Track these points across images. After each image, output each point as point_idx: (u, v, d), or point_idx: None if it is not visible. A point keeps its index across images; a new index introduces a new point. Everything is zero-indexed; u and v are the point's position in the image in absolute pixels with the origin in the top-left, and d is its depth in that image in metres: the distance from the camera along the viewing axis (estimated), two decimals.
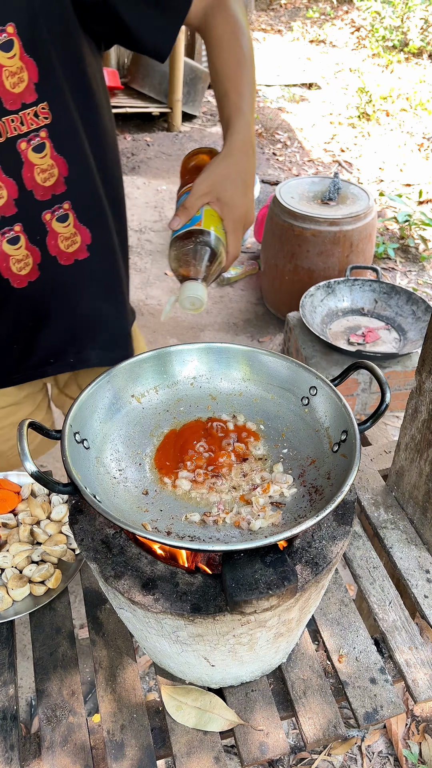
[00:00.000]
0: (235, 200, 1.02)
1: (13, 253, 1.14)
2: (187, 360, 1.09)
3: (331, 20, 8.45)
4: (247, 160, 1.04)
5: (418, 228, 4.21)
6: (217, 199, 1.03)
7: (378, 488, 1.34)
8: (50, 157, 1.09)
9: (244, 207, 1.03)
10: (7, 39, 0.96)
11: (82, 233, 1.20)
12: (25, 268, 1.17)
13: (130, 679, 1.03)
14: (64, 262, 1.21)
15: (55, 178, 1.11)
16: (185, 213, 1.02)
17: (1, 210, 1.09)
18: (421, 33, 7.33)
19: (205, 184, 1.02)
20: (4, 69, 0.98)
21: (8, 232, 1.11)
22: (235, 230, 1.03)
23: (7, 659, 1.05)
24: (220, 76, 1.10)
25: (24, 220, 1.12)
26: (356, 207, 3.11)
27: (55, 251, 1.19)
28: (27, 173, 1.08)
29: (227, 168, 1.02)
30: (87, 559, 0.89)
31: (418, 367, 1.17)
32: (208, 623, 0.82)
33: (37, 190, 1.11)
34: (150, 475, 0.95)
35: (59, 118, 1.07)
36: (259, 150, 5.41)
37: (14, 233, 1.12)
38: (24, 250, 1.15)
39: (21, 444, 0.80)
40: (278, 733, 0.97)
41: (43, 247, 1.17)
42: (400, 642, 1.09)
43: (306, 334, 2.76)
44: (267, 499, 0.91)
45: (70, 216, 1.17)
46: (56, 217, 1.15)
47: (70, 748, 0.95)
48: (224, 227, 1.03)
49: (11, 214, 1.10)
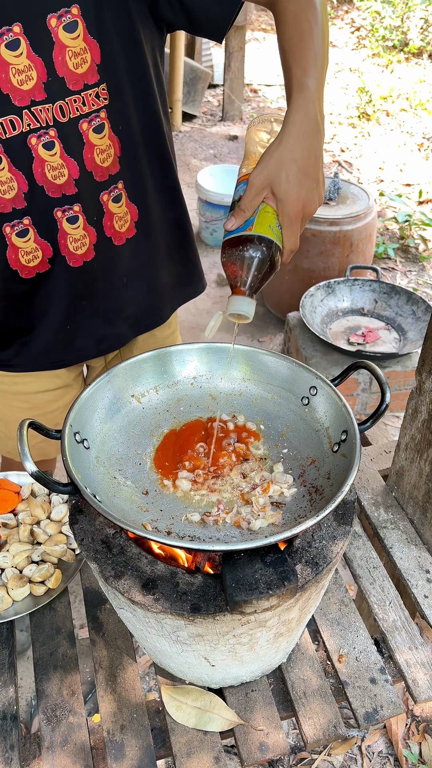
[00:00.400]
0: (289, 194, 0.91)
1: (72, 232, 1.15)
2: (187, 360, 1.09)
3: (331, 20, 8.44)
4: (307, 142, 0.92)
5: (418, 228, 4.21)
6: (272, 194, 0.93)
7: (378, 488, 1.34)
8: (108, 138, 1.11)
9: (300, 200, 0.92)
10: (72, 20, 0.99)
11: (131, 212, 1.23)
12: (81, 248, 1.18)
13: (130, 679, 1.03)
14: (118, 242, 1.23)
15: (112, 158, 1.14)
16: (240, 215, 0.94)
17: (63, 188, 1.10)
18: (421, 33, 7.32)
19: (259, 179, 0.92)
20: (68, 49, 1.00)
21: (68, 211, 1.13)
22: (291, 225, 0.93)
23: (7, 659, 1.05)
24: (284, 51, 1.00)
25: (83, 200, 1.14)
26: (356, 207, 3.11)
27: (111, 232, 1.21)
28: (88, 154, 1.10)
29: (281, 157, 0.91)
30: (87, 559, 0.89)
31: (418, 367, 1.17)
32: (208, 623, 0.82)
33: (97, 171, 1.13)
34: (150, 475, 0.95)
35: (116, 99, 1.09)
36: None
37: (73, 213, 1.14)
38: (81, 230, 1.16)
39: (21, 444, 0.80)
40: (278, 733, 0.97)
41: (99, 228, 1.19)
42: (400, 642, 1.09)
43: (306, 334, 2.76)
44: (267, 499, 0.91)
45: (123, 196, 1.19)
46: (112, 197, 1.18)
47: (70, 748, 0.95)
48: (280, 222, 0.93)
49: (71, 194, 1.12)
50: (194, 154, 5.24)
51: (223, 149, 5.37)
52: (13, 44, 0.96)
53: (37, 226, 1.13)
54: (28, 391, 1.36)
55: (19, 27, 0.95)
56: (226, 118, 5.80)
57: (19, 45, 0.96)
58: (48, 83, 1.01)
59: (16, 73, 0.98)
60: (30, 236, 1.13)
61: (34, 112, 1.02)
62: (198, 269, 1.46)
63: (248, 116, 5.93)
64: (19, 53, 0.97)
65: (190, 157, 5.16)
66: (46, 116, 1.03)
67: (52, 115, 1.03)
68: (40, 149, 1.05)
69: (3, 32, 0.95)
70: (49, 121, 1.04)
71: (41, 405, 1.39)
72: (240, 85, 5.67)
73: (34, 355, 1.30)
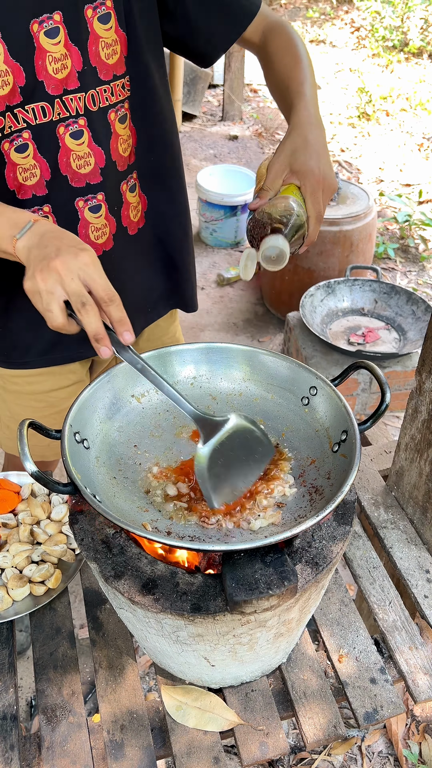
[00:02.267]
0: (307, 166, 1.01)
1: (94, 221, 1.16)
2: (187, 360, 1.09)
3: (331, 20, 8.44)
4: (314, 131, 1.04)
5: (418, 228, 4.21)
6: (291, 172, 1.03)
7: (378, 488, 1.34)
8: (128, 128, 1.14)
9: (318, 171, 1.02)
10: (106, 12, 1.01)
11: (142, 202, 1.25)
12: (101, 237, 1.19)
13: (130, 679, 1.03)
14: (132, 232, 1.25)
15: (130, 148, 1.16)
16: (265, 194, 1.03)
17: (88, 177, 1.12)
18: (421, 33, 7.32)
19: (279, 163, 1.03)
20: (101, 40, 1.03)
21: (91, 199, 1.14)
22: (313, 193, 1.02)
23: (7, 659, 1.05)
24: (280, 75, 1.14)
25: (106, 189, 1.15)
26: (356, 207, 3.11)
27: (127, 222, 1.23)
28: (114, 143, 1.12)
29: (294, 141, 1.03)
30: (87, 559, 0.89)
31: (418, 367, 1.17)
32: (208, 623, 0.82)
33: (120, 161, 1.15)
34: (150, 475, 0.95)
35: (137, 91, 1.12)
36: (259, 150, 5.41)
37: (97, 202, 1.15)
38: (103, 219, 1.17)
39: (21, 444, 0.80)
40: (278, 733, 0.97)
41: (118, 218, 1.20)
42: (400, 642, 1.09)
43: (306, 334, 2.76)
44: (270, 500, 0.91)
45: (137, 186, 1.21)
46: (129, 187, 1.20)
47: (70, 748, 0.95)
48: (302, 193, 1.02)
49: (96, 183, 1.13)
50: (194, 154, 5.24)
51: (223, 149, 5.37)
52: (53, 32, 0.97)
53: (56, 214, 1.13)
54: (42, 390, 1.36)
55: (59, 15, 0.97)
56: (226, 118, 5.80)
57: (59, 33, 0.98)
58: (82, 72, 1.02)
59: (53, 61, 0.99)
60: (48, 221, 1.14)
61: (65, 101, 1.03)
62: (192, 281, 1.46)
63: (248, 116, 5.93)
64: (57, 41, 0.98)
65: (190, 157, 5.16)
66: (77, 105, 1.04)
67: (83, 104, 1.05)
68: (67, 139, 1.06)
69: (44, 20, 0.96)
70: (80, 110, 1.05)
71: (56, 403, 1.39)
72: (240, 85, 5.67)
73: (50, 350, 1.29)
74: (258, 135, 5.64)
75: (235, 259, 4.03)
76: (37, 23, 0.96)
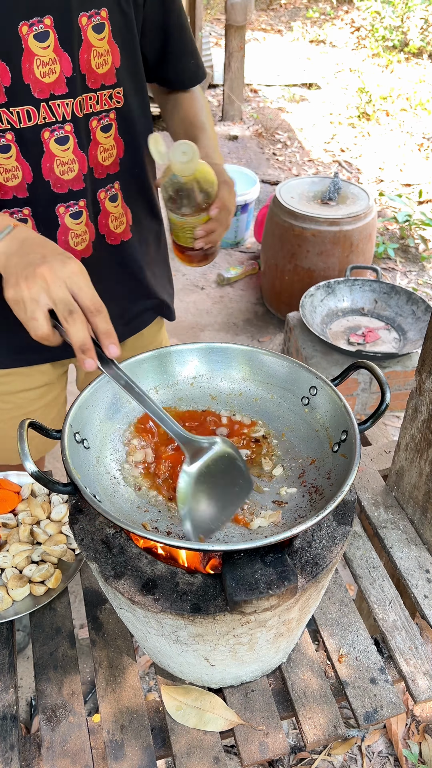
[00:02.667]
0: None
1: (74, 228, 1.16)
2: (187, 360, 1.09)
3: (331, 20, 8.44)
4: None
5: (418, 228, 4.21)
6: None
7: (378, 488, 1.34)
8: (113, 138, 1.15)
9: None
10: (100, 22, 1.03)
11: (127, 214, 1.25)
12: (81, 243, 1.19)
13: (130, 679, 1.03)
14: (112, 242, 1.25)
15: (113, 158, 1.17)
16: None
17: (71, 183, 1.12)
18: (421, 33, 7.32)
19: None
20: (94, 49, 1.04)
21: (73, 206, 1.14)
22: None
23: (7, 659, 1.05)
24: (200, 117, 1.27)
25: (87, 196, 1.15)
26: (356, 207, 3.11)
27: (105, 230, 1.23)
28: (93, 150, 1.13)
29: None
30: (87, 559, 0.89)
31: (418, 367, 1.17)
32: (208, 623, 0.82)
33: (97, 168, 1.15)
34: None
35: (128, 103, 1.14)
36: (259, 150, 5.41)
37: (78, 208, 1.15)
38: (84, 225, 1.17)
39: (21, 444, 0.80)
40: (278, 733, 0.97)
41: (96, 225, 1.21)
42: (400, 642, 1.09)
43: (306, 334, 2.76)
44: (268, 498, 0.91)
45: (119, 196, 1.22)
46: (109, 196, 1.20)
47: (70, 748, 0.95)
48: None
49: (79, 189, 1.13)
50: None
51: (223, 149, 5.37)
52: (42, 36, 0.98)
53: (36, 218, 1.13)
54: (11, 391, 1.34)
55: (50, 20, 0.97)
56: (226, 118, 5.80)
57: (48, 37, 0.98)
58: (71, 79, 1.03)
59: (41, 65, 0.99)
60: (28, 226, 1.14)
61: (52, 106, 1.03)
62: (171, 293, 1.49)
63: (248, 116, 5.93)
64: (46, 45, 0.99)
65: None
66: (64, 111, 1.05)
67: (71, 110, 1.05)
68: (52, 144, 1.06)
69: (34, 23, 0.97)
70: (66, 116, 1.05)
71: (23, 404, 1.37)
72: (240, 85, 5.67)
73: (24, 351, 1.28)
74: (258, 135, 5.64)
75: (236, 259, 4.03)
76: (27, 26, 0.96)
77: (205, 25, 7.46)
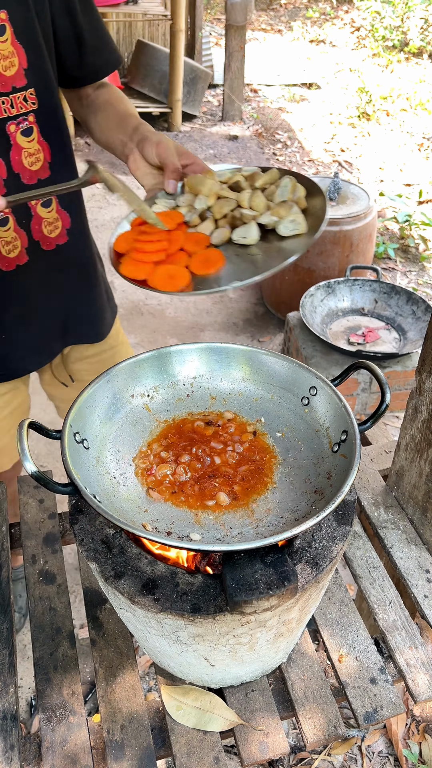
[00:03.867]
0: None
1: (3, 235, 1.15)
2: (187, 360, 1.09)
3: (331, 20, 8.44)
4: None
5: (418, 228, 4.21)
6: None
7: (378, 488, 1.34)
8: (37, 142, 1.13)
9: None
10: (0, 24, 1.01)
11: (63, 218, 1.24)
12: (13, 250, 1.19)
13: (130, 679, 1.03)
14: (46, 247, 1.24)
15: (41, 162, 1.16)
16: None
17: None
18: (421, 33, 7.32)
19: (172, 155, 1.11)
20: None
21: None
22: None
23: (7, 659, 1.05)
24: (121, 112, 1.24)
25: None
26: (356, 207, 3.11)
27: (39, 236, 1.22)
28: (15, 156, 1.11)
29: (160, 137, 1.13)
30: (87, 559, 0.89)
31: (418, 367, 1.17)
32: (208, 623, 0.82)
33: (24, 174, 1.14)
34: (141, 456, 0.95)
35: (45, 105, 1.12)
36: (259, 150, 5.40)
37: (3, 215, 1.14)
38: (12, 232, 1.17)
39: (21, 444, 0.80)
40: (278, 733, 0.97)
41: (28, 231, 1.20)
42: (400, 642, 1.09)
43: (306, 334, 2.76)
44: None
45: (53, 201, 1.21)
46: (41, 202, 1.19)
47: (70, 748, 0.95)
48: None
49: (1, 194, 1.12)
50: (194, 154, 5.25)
51: (223, 149, 5.37)
52: None
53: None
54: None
55: None
56: (226, 118, 5.80)
57: None
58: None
59: None
60: None
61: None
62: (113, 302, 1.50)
63: (248, 116, 5.93)
64: None
65: None
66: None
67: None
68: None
69: None
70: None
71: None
72: (240, 85, 5.67)
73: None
74: (258, 135, 5.64)
75: None
76: None
77: (205, 25, 7.45)
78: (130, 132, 1.16)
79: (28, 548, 1.21)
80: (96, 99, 1.29)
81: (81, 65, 1.23)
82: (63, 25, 1.14)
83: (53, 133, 1.16)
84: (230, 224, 1.06)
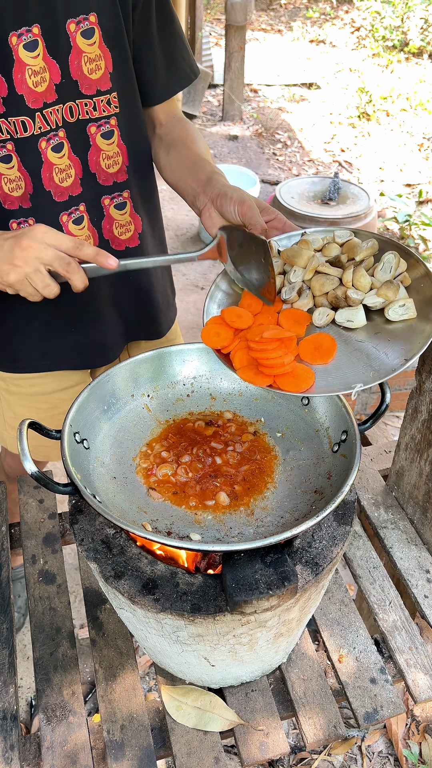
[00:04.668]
0: None
1: (78, 233, 1.17)
2: (187, 360, 1.09)
3: (331, 20, 8.44)
4: None
5: (418, 228, 4.21)
6: None
7: (378, 488, 1.34)
8: (117, 145, 1.15)
9: None
10: (89, 27, 1.03)
11: (135, 222, 1.25)
12: None
13: (130, 679, 1.03)
14: (116, 247, 1.25)
15: (119, 166, 1.17)
16: None
17: (70, 190, 1.12)
18: (421, 33, 7.32)
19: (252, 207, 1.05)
20: (84, 55, 1.03)
21: (74, 212, 1.15)
22: None
23: (7, 659, 1.05)
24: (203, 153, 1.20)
25: (87, 200, 1.16)
26: (356, 207, 3.11)
27: (109, 235, 1.23)
28: (93, 156, 1.13)
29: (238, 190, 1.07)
30: (87, 559, 0.89)
31: (418, 367, 1.17)
32: (208, 623, 0.82)
33: (101, 174, 1.16)
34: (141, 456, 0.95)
35: (127, 109, 1.14)
36: (259, 150, 5.41)
37: (79, 213, 1.16)
38: (86, 230, 1.18)
39: (21, 444, 0.80)
40: (278, 733, 0.97)
41: (99, 230, 1.21)
42: (400, 642, 1.09)
43: None
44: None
45: (128, 204, 1.22)
46: (115, 203, 1.20)
47: (70, 748, 0.95)
48: None
49: (77, 194, 1.14)
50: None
51: (223, 149, 5.37)
52: (31, 45, 0.98)
53: None
54: (45, 392, 1.36)
55: (38, 28, 0.97)
56: (226, 118, 5.80)
57: (37, 46, 0.98)
58: (60, 85, 1.03)
59: (32, 74, 0.99)
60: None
61: (45, 114, 1.03)
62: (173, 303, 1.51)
63: (248, 116, 5.93)
64: (36, 54, 0.99)
65: None
66: (56, 117, 1.05)
67: (61, 115, 1.05)
68: (50, 153, 1.06)
69: (22, 32, 0.97)
70: (58, 122, 1.05)
71: (59, 404, 1.39)
72: (240, 85, 5.67)
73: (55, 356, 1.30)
74: (258, 135, 5.64)
75: None
76: (16, 36, 0.96)
77: (205, 25, 7.46)
78: (204, 182, 1.10)
79: (28, 548, 1.21)
80: (169, 133, 1.26)
81: (155, 80, 1.21)
82: (140, 32, 1.13)
83: (132, 137, 1.17)
84: (331, 303, 0.97)
